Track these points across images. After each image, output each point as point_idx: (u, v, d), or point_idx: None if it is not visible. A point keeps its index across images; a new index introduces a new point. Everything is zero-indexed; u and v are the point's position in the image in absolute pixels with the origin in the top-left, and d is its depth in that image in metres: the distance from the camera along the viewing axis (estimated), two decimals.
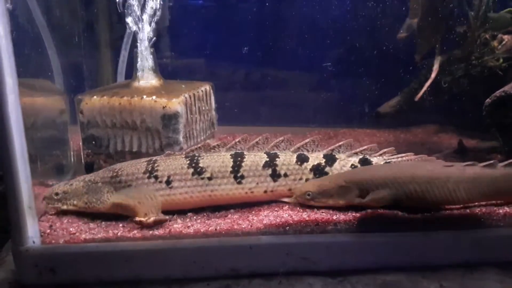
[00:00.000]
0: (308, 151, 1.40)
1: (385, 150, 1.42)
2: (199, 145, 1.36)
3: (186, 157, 1.33)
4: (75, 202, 1.31)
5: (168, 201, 1.29)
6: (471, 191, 1.26)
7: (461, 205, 1.30)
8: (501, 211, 1.27)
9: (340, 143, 1.41)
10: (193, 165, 1.30)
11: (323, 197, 1.27)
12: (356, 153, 1.41)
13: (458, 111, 1.96)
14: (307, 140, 1.40)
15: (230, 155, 1.34)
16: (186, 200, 1.30)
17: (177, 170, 1.30)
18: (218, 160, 1.32)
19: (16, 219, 1.10)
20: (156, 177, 1.29)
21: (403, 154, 1.41)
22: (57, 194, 1.31)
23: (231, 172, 1.31)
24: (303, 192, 1.28)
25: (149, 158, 1.34)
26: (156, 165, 1.31)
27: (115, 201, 1.26)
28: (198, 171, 1.30)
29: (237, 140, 1.37)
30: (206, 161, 1.31)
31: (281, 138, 1.39)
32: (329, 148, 1.41)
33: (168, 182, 1.29)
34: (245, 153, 1.35)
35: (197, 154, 1.33)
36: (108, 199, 1.28)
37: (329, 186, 1.27)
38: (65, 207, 1.31)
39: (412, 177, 1.24)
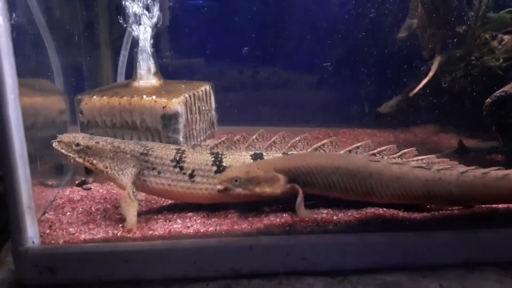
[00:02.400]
0: (325, 151, 1.39)
1: (405, 150, 1.38)
2: (222, 139, 1.36)
3: (211, 153, 1.33)
4: (94, 161, 1.28)
5: (186, 194, 1.30)
6: (396, 190, 1.24)
7: (387, 202, 1.27)
8: (501, 211, 1.27)
9: (358, 144, 1.39)
10: (217, 163, 1.31)
11: (251, 184, 1.22)
12: (374, 154, 1.37)
13: (458, 111, 1.96)
14: (324, 141, 1.40)
15: (250, 155, 1.34)
16: (204, 195, 1.31)
17: (202, 165, 1.30)
18: (240, 161, 1.32)
19: (16, 219, 1.10)
20: (181, 168, 1.29)
21: (424, 157, 1.36)
22: (78, 145, 1.28)
23: None
24: (230, 178, 1.22)
25: (178, 147, 1.35)
26: (184, 155, 1.31)
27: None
28: (221, 170, 1.30)
29: (254, 137, 1.38)
30: (229, 160, 1.32)
31: (297, 138, 1.39)
32: (347, 148, 1.39)
33: (191, 176, 1.29)
34: (263, 154, 1.35)
35: (220, 152, 1.33)
36: (131, 173, 1.27)
37: (258, 173, 1.22)
38: (80, 160, 1.28)
39: (336, 168, 1.24)
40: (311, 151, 1.38)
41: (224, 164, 1.31)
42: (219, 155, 1.32)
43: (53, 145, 1.28)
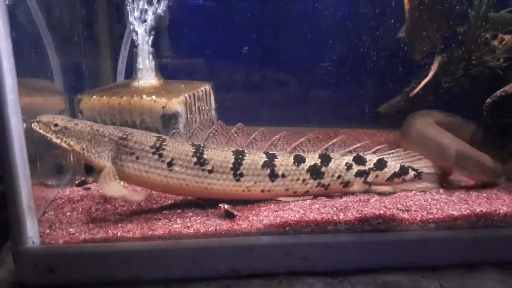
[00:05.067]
0: (304, 151, 1.40)
1: (378, 147, 1.45)
2: (198, 125, 1.35)
3: (192, 145, 1.32)
4: (71, 143, 1.27)
5: (163, 182, 1.29)
6: None
7: None
8: (501, 211, 1.27)
9: (333, 141, 1.42)
10: (198, 154, 1.30)
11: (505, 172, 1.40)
12: (350, 151, 1.42)
13: (459, 111, 1.96)
14: (302, 139, 1.41)
15: (232, 151, 1.34)
16: (181, 186, 1.29)
17: (182, 155, 1.29)
18: (221, 155, 1.32)
19: (16, 219, 1.10)
20: (160, 155, 1.28)
21: (393, 150, 1.47)
22: (56, 125, 1.27)
23: (231, 168, 1.31)
24: (493, 169, 1.40)
25: (159, 135, 1.34)
26: (164, 143, 1.30)
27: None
28: (201, 162, 1.29)
29: (233, 131, 1.37)
30: (210, 153, 1.31)
31: (277, 137, 1.39)
32: (323, 147, 1.42)
33: (170, 164, 1.28)
34: (245, 151, 1.35)
35: (202, 145, 1.33)
36: (108, 156, 1.26)
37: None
38: (57, 141, 1.27)
39: None
40: (290, 150, 1.38)
41: (205, 156, 1.30)
42: (201, 147, 1.32)
43: (32, 125, 1.26)
